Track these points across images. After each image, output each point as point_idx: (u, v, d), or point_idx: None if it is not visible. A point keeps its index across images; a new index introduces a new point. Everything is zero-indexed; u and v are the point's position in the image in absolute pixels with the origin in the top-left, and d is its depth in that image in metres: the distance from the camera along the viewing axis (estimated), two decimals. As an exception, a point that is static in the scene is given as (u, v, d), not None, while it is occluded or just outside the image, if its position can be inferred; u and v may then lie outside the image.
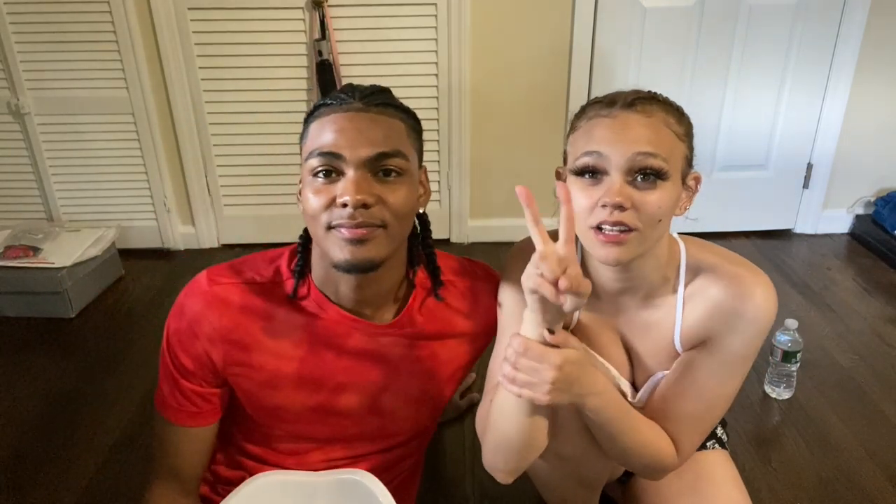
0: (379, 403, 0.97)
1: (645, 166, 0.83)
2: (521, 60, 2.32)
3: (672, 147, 0.86)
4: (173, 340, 0.91)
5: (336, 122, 0.84)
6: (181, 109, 2.32)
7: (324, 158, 0.83)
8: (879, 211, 2.50)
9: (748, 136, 2.46)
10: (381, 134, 0.84)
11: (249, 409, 0.96)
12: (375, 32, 2.23)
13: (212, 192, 2.48)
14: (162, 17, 2.19)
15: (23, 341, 1.97)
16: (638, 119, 0.85)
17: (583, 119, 0.91)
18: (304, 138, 0.89)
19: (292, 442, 0.99)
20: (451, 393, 1.07)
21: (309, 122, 0.89)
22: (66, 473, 1.46)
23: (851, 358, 1.84)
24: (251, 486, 0.91)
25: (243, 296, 0.91)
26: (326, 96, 0.89)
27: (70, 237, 2.21)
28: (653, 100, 0.88)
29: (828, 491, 1.39)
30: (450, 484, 1.43)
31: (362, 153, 0.82)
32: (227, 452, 1.04)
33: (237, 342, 0.90)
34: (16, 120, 2.32)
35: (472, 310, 1.02)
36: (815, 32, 2.31)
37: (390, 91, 0.92)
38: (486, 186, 2.50)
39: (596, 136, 0.86)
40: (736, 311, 0.90)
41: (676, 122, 0.87)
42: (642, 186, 0.84)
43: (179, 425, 0.94)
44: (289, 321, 0.92)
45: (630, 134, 0.84)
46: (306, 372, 0.93)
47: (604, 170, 0.85)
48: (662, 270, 0.94)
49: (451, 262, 1.04)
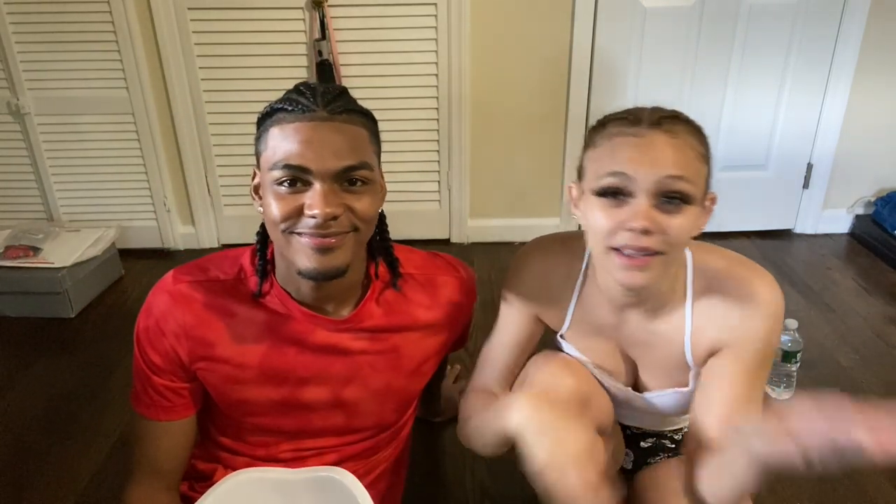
0: (342, 397, 0.99)
1: (673, 190, 0.81)
2: (521, 60, 2.32)
3: (697, 169, 0.84)
4: (142, 338, 0.94)
5: (300, 133, 0.82)
6: (181, 109, 2.32)
7: (290, 171, 0.82)
8: (879, 211, 2.50)
9: (748, 136, 2.46)
10: (347, 145, 0.84)
11: (218, 402, 0.98)
12: (375, 32, 2.23)
13: (212, 192, 2.48)
14: (162, 17, 2.19)
15: (23, 341, 1.97)
16: (665, 140, 0.82)
17: (603, 135, 0.87)
18: (261, 141, 0.87)
19: (262, 435, 1.01)
20: (418, 388, 1.08)
21: (267, 124, 0.86)
22: (66, 473, 1.46)
23: (851, 358, 1.84)
24: (228, 484, 0.92)
25: (207, 293, 0.93)
26: (284, 99, 0.86)
27: (70, 237, 2.21)
28: (677, 119, 0.85)
29: (828, 491, 1.39)
30: (450, 484, 1.43)
31: (330, 166, 0.82)
32: (203, 446, 1.07)
33: (201, 338, 0.93)
34: (16, 120, 2.32)
35: (432, 302, 1.03)
36: (815, 32, 2.31)
37: (348, 92, 0.90)
38: (486, 186, 2.50)
39: (621, 156, 0.83)
40: (746, 315, 0.89)
41: (700, 143, 0.85)
42: (668, 210, 0.82)
43: (154, 420, 0.97)
44: (251, 318, 0.94)
45: (658, 156, 0.81)
46: (269, 367, 0.95)
47: (629, 192, 0.82)
48: (671, 279, 0.93)
49: (413, 256, 1.05)
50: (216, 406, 1.00)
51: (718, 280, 0.92)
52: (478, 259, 2.42)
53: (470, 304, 1.10)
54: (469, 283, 1.09)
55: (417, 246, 1.10)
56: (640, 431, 1.17)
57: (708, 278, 0.93)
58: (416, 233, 2.53)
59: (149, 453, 0.99)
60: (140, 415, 0.98)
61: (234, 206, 2.51)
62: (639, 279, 0.83)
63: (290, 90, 0.88)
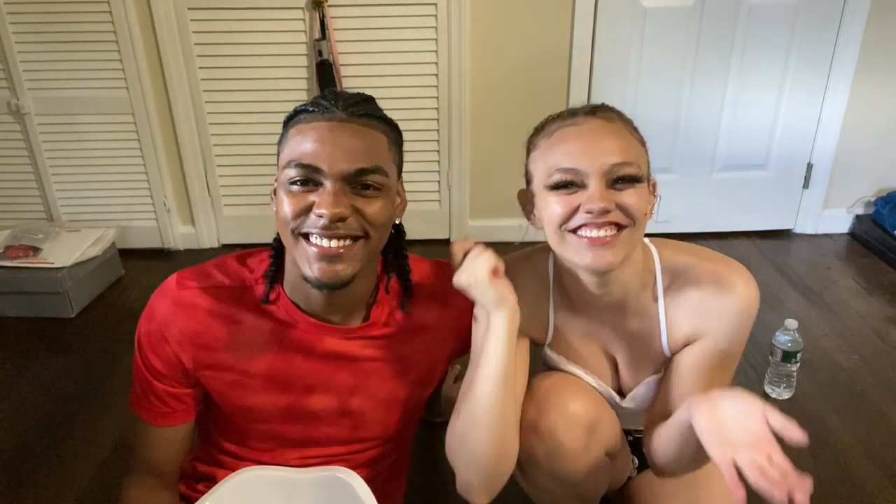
0: (349, 405, 0.98)
1: (622, 175, 0.84)
2: (521, 61, 2.32)
3: (639, 153, 0.87)
4: (144, 343, 0.93)
5: (317, 132, 0.83)
6: (181, 109, 2.32)
7: (302, 170, 0.82)
8: (879, 211, 2.50)
9: (748, 136, 2.46)
10: (363, 148, 0.83)
11: (223, 408, 0.97)
12: (375, 32, 2.23)
13: (212, 192, 2.48)
14: (162, 17, 2.19)
15: (23, 341, 1.97)
16: (602, 125, 0.86)
17: (543, 135, 0.91)
18: (282, 142, 0.88)
19: (267, 441, 1.00)
20: (424, 397, 1.07)
21: (288, 126, 0.87)
22: (66, 473, 1.46)
23: (851, 358, 1.84)
24: (234, 481, 0.92)
25: (211, 300, 0.92)
26: (308, 102, 0.87)
27: (70, 237, 2.21)
28: (610, 109, 0.90)
29: (828, 491, 1.39)
30: (450, 484, 1.42)
31: (342, 167, 0.82)
32: (205, 449, 1.06)
33: (205, 345, 0.92)
34: (16, 120, 2.32)
35: (441, 310, 1.02)
36: (815, 32, 2.31)
37: (374, 100, 0.91)
38: (486, 186, 2.50)
39: (566, 149, 0.86)
40: (721, 308, 0.91)
41: (635, 131, 0.89)
42: (620, 188, 0.84)
43: (153, 425, 0.96)
44: (256, 326, 0.93)
45: (601, 146, 0.84)
46: (275, 374, 0.94)
47: (581, 183, 0.85)
48: (640, 276, 0.94)
49: (422, 266, 1.04)
50: (218, 409, 0.99)
51: (688, 275, 0.94)
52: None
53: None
54: None
55: (417, 246, 1.10)
56: (640, 436, 1.17)
57: (677, 274, 0.94)
58: (416, 233, 2.51)
59: (146, 455, 0.98)
60: (138, 418, 0.97)
61: (234, 206, 2.51)
62: (608, 257, 0.84)
63: (317, 95, 0.89)
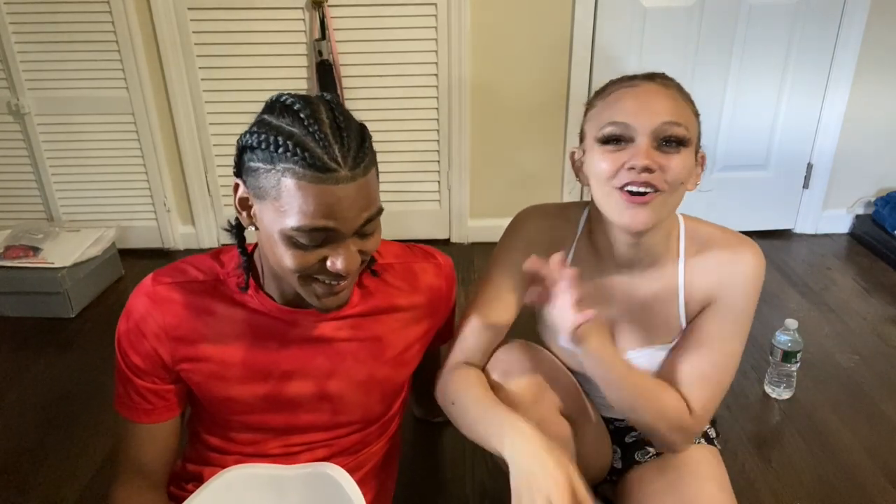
0: (327, 389, 0.99)
1: (670, 135, 0.89)
2: (521, 61, 2.32)
3: (690, 119, 0.92)
4: (123, 341, 0.95)
5: (326, 196, 0.78)
6: (181, 109, 2.32)
7: (316, 233, 0.80)
8: (879, 211, 2.50)
9: (748, 135, 2.46)
10: (368, 198, 0.82)
11: (204, 401, 0.99)
12: (375, 32, 2.23)
13: (212, 192, 2.48)
14: (162, 17, 2.19)
15: (23, 341, 1.97)
16: (659, 89, 0.92)
17: (602, 96, 0.96)
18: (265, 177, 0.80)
19: (249, 432, 1.01)
20: (403, 378, 1.08)
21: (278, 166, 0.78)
22: (66, 473, 1.46)
23: (851, 358, 1.84)
24: (221, 480, 0.92)
25: (185, 294, 0.95)
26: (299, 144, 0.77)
27: (70, 237, 2.21)
28: (670, 78, 0.96)
29: (828, 491, 1.39)
30: (450, 484, 1.43)
31: (356, 224, 0.82)
32: (191, 448, 1.07)
33: (182, 338, 0.94)
34: (16, 120, 2.32)
35: (412, 288, 1.04)
36: (815, 32, 2.31)
37: (362, 129, 0.85)
38: (486, 186, 2.50)
39: (621, 106, 0.91)
40: (732, 273, 0.98)
41: (691, 101, 0.95)
42: (666, 150, 0.89)
43: (137, 422, 0.98)
44: (230, 316, 0.95)
45: (655, 105, 0.89)
46: (252, 363, 0.96)
47: (630, 138, 0.90)
48: (667, 241, 1.00)
49: (392, 247, 1.07)
50: (202, 406, 1.01)
51: (708, 243, 1.01)
52: (478, 259, 2.43)
53: (450, 289, 1.11)
54: (447, 269, 1.10)
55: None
56: (623, 425, 1.17)
57: (699, 241, 1.02)
58: (416, 233, 2.53)
59: (132, 454, 1.00)
60: (123, 417, 0.99)
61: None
62: (642, 216, 0.89)
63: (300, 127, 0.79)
